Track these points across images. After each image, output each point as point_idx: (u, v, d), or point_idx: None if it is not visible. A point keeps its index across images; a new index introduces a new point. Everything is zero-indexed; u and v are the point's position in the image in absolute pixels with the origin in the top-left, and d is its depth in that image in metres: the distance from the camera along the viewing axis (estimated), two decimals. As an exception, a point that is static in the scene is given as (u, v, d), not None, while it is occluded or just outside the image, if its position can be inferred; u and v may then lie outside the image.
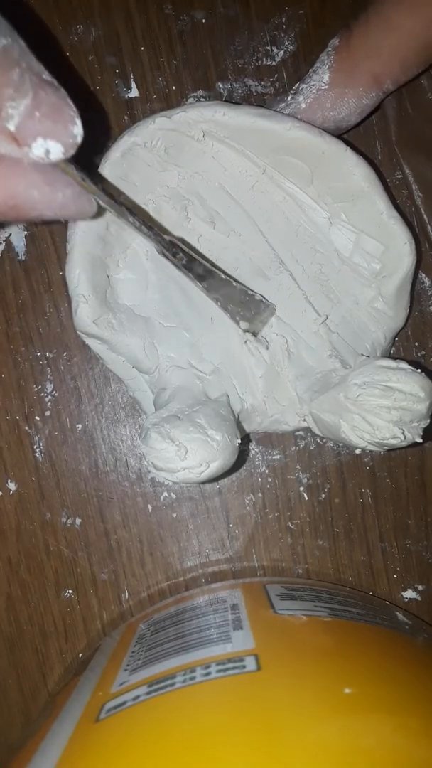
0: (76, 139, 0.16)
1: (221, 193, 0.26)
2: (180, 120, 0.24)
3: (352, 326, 0.27)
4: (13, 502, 0.30)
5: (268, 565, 0.31)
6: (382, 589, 0.31)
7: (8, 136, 0.15)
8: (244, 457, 0.30)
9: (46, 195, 0.18)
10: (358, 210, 0.25)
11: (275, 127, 0.24)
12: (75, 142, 0.16)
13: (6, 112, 0.15)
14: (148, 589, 0.30)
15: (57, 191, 0.18)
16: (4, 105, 0.15)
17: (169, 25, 0.28)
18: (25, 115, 0.15)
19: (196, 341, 0.27)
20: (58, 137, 0.16)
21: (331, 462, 0.30)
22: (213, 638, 0.21)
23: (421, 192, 0.28)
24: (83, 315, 0.25)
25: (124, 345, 0.26)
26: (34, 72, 0.15)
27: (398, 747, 0.15)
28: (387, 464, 0.30)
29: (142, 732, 0.17)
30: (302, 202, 0.26)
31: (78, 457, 0.30)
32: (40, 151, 0.16)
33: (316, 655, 0.19)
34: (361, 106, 0.25)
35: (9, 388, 0.30)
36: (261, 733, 0.15)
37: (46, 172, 0.17)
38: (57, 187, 0.18)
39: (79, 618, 0.30)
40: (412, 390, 0.22)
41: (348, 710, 0.16)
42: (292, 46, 0.29)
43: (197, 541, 0.30)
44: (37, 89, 0.15)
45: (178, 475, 0.22)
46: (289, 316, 0.27)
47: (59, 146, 0.16)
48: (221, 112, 0.24)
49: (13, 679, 0.30)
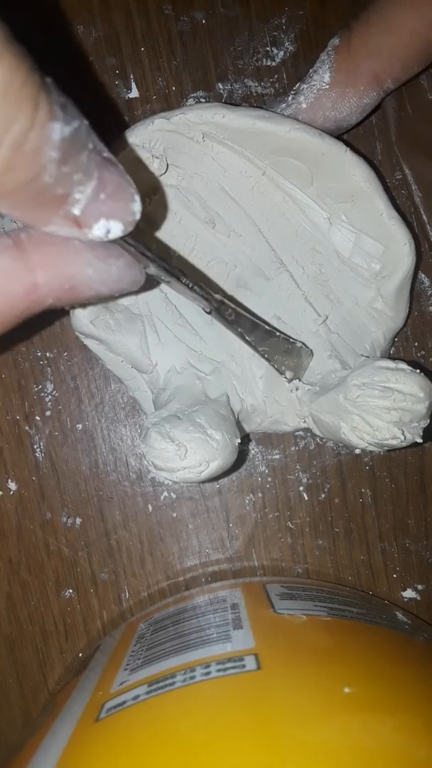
0: (135, 216, 0.16)
1: (221, 194, 0.26)
2: (179, 122, 0.24)
3: (352, 326, 0.27)
4: (13, 502, 0.30)
5: (267, 565, 0.31)
6: (381, 588, 0.31)
7: (71, 220, 0.15)
8: (243, 456, 0.30)
9: (100, 271, 0.17)
10: (357, 210, 0.25)
11: (275, 129, 0.24)
12: (134, 219, 0.16)
13: (73, 197, 0.14)
14: (148, 589, 0.31)
15: (110, 265, 0.17)
16: (73, 191, 0.14)
17: (169, 26, 0.28)
18: (91, 199, 0.15)
19: (196, 341, 0.27)
20: (120, 216, 0.15)
21: (330, 462, 0.30)
22: (213, 638, 0.21)
23: (421, 192, 0.28)
24: (80, 315, 0.25)
25: (122, 345, 0.26)
26: (98, 151, 0.15)
27: (398, 746, 0.15)
28: (387, 464, 0.30)
29: (142, 731, 0.17)
30: (302, 203, 0.26)
31: (78, 456, 0.30)
32: (102, 231, 0.15)
33: (316, 655, 0.19)
34: (361, 105, 0.25)
35: (9, 388, 0.30)
36: (261, 732, 0.15)
37: (97, 248, 0.17)
38: (110, 261, 0.17)
39: (79, 617, 0.30)
40: (411, 390, 0.22)
41: (348, 710, 0.16)
42: (292, 47, 0.29)
43: (197, 540, 0.30)
44: (102, 170, 0.15)
45: (178, 474, 0.22)
46: (289, 317, 0.27)
47: (120, 225, 0.15)
48: (221, 114, 0.24)
49: (14, 678, 0.31)
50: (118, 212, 0.15)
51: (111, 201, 0.15)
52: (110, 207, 0.15)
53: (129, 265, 0.18)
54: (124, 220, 0.15)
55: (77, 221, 0.15)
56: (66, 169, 0.14)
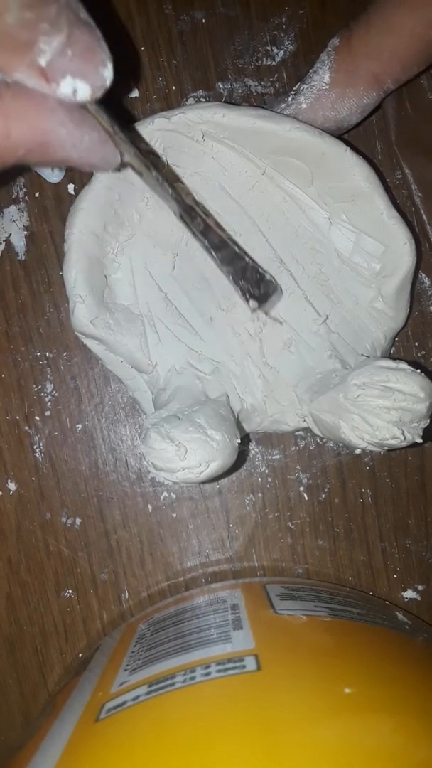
0: (105, 83, 0.16)
1: (221, 194, 0.26)
2: (179, 121, 0.24)
3: (352, 326, 0.27)
4: (13, 502, 0.30)
5: (268, 565, 0.31)
6: (382, 589, 0.31)
7: (38, 71, 0.15)
8: (244, 457, 0.30)
9: (73, 135, 0.17)
10: (358, 210, 0.25)
11: (275, 128, 0.24)
12: (104, 84, 0.16)
13: (39, 47, 0.15)
14: (148, 589, 0.30)
15: (84, 133, 0.17)
16: (38, 39, 0.15)
17: (169, 26, 0.28)
18: (57, 53, 0.15)
19: (196, 341, 0.27)
20: (88, 78, 0.15)
21: (331, 462, 0.30)
22: (213, 638, 0.21)
23: (421, 192, 0.28)
24: (80, 315, 0.25)
25: (122, 345, 0.26)
26: (72, 9, 0.15)
27: (398, 747, 0.15)
28: (387, 464, 0.30)
29: (142, 732, 0.17)
30: (302, 203, 0.26)
31: (78, 457, 0.30)
32: (68, 89, 0.15)
33: (316, 655, 0.19)
34: (361, 105, 0.25)
35: (9, 388, 0.30)
36: (261, 733, 0.15)
37: (73, 113, 0.17)
38: (84, 129, 0.17)
39: (79, 618, 0.30)
40: (411, 390, 0.22)
41: (348, 710, 0.16)
42: (292, 46, 0.29)
43: (197, 541, 0.30)
44: (73, 27, 0.15)
45: (178, 474, 0.22)
46: (290, 316, 0.27)
47: (87, 87, 0.16)
48: (220, 114, 0.24)
49: (13, 679, 0.30)
50: (86, 74, 0.15)
51: (79, 61, 0.15)
52: (78, 66, 0.15)
53: (102, 141, 0.18)
54: (93, 83, 0.16)
55: (44, 73, 0.15)
56: (30, 14, 0.14)
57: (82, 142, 0.18)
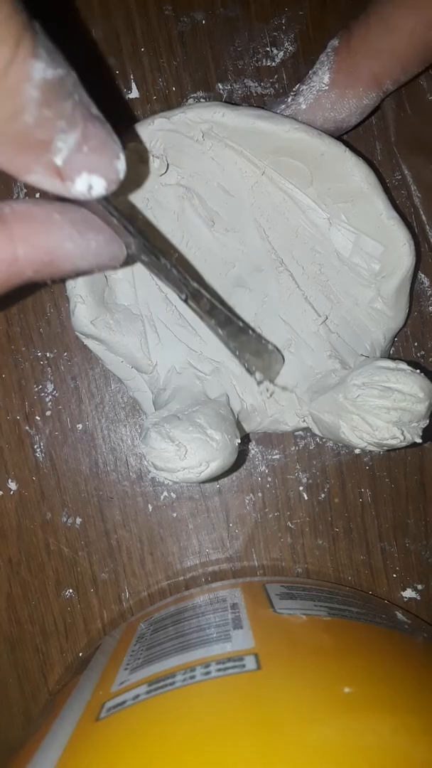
0: (119, 175, 0.16)
1: (221, 194, 0.26)
2: (179, 121, 0.24)
3: (352, 326, 0.27)
4: (13, 502, 0.30)
5: (267, 565, 0.31)
6: (381, 588, 0.31)
7: (53, 171, 0.15)
8: (243, 456, 0.30)
9: (79, 246, 0.17)
10: (357, 211, 0.25)
11: (274, 129, 0.24)
12: (118, 177, 0.16)
13: (56, 146, 0.14)
14: (148, 589, 0.31)
15: (90, 240, 0.17)
16: (55, 138, 0.14)
17: (169, 27, 0.28)
18: (73, 149, 0.15)
19: (196, 341, 0.27)
20: (103, 172, 0.15)
21: (330, 462, 0.30)
22: (213, 637, 0.21)
23: (420, 193, 0.28)
24: (80, 316, 0.25)
25: (122, 345, 0.26)
26: (85, 105, 0.15)
27: (398, 746, 0.15)
28: (386, 464, 0.30)
29: (142, 731, 0.17)
30: (302, 203, 0.26)
31: (78, 456, 0.30)
32: (83, 186, 0.15)
33: (316, 655, 0.19)
34: (361, 106, 0.25)
35: (9, 388, 0.30)
36: (260, 732, 0.15)
37: (77, 224, 0.17)
38: (89, 236, 0.17)
39: (79, 617, 0.30)
40: (411, 390, 0.22)
41: (347, 709, 0.16)
42: (291, 47, 0.29)
43: (197, 540, 0.31)
44: (87, 123, 0.15)
45: (178, 474, 0.22)
46: (289, 317, 0.27)
47: (102, 181, 0.15)
48: (220, 113, 0.24)
49: (14, 678, 0.31)
50: (101, 167, 0.15)
51: (94, 155, 0.15)
52: (93, 161, 0.15)
53: (109, 241, 0.18)
54: (108, 176, 0.16)
55: (59, 172, 0.15)
56: (48, 113, 0.14)
57: (89, 250, 0.18)
